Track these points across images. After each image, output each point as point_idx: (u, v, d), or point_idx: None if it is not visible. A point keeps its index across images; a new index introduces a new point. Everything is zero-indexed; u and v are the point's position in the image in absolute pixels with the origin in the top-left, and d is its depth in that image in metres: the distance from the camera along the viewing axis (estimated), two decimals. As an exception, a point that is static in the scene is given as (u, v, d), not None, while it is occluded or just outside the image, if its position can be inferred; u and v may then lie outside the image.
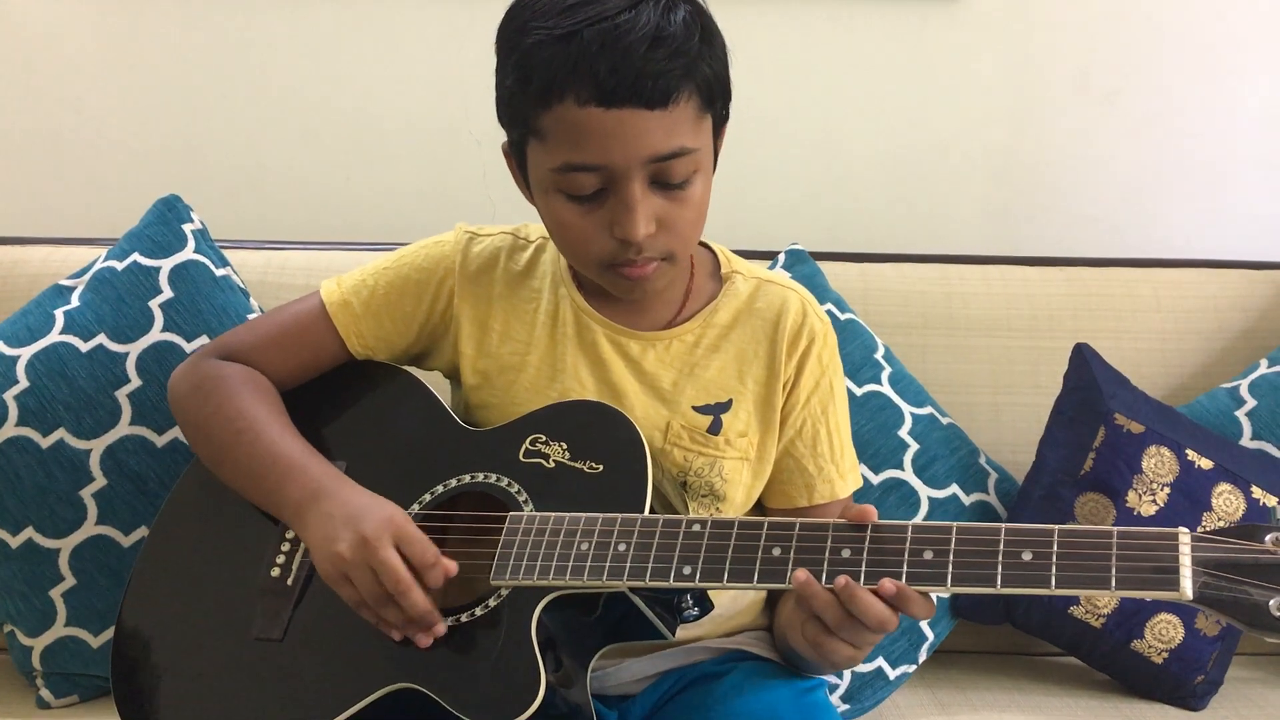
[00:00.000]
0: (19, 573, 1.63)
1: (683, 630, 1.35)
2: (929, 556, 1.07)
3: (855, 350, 1.80)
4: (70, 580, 1.63)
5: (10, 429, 1.64)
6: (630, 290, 1.32)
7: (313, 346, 1.44)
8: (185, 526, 1.41)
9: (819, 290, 1.82)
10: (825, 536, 1.12)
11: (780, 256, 1.88)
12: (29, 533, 1.63)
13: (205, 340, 1.68)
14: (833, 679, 1.67)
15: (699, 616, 1.24)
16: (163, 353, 1.68)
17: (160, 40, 2.13)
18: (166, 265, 1.73)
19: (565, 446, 1.28)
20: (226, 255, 1.81)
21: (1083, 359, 1.79)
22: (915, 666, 1.74)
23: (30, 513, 1.63)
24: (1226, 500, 1.70)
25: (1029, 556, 1.04)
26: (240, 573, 1.33)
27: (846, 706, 1.69)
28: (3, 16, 2.12)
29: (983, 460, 1.83)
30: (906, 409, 1.80)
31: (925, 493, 1.77)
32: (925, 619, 1.13)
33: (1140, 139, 2.18)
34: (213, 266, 1.76)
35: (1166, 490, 1.70)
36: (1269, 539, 0.99)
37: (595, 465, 1.25)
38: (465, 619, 1.20)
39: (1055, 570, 1.03)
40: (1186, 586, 0.99)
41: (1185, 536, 1.01)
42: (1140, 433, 1.72)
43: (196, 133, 2.15)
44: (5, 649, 1.69)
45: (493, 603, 1.20)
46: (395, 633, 1.20)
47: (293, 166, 2.16)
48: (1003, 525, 1.06)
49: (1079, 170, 2.19)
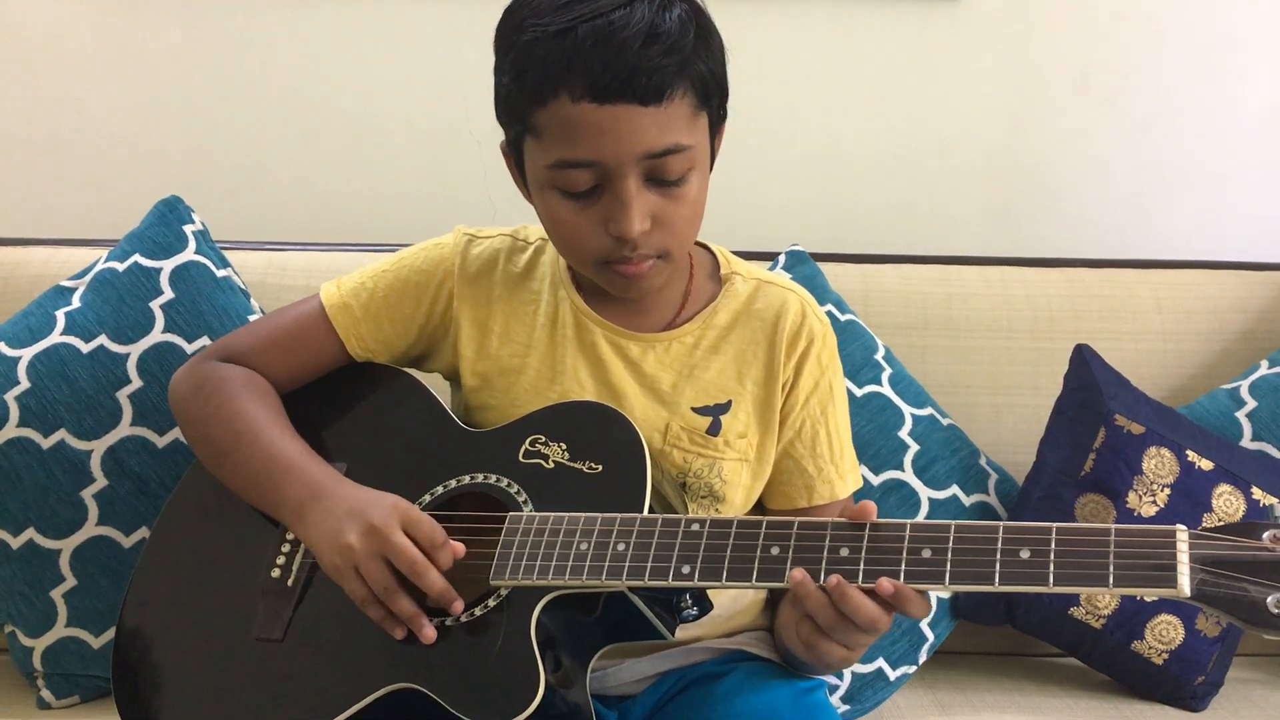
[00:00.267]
0: (20, 573, 1.63)
1: (683, 630, 1.35)
2: (927, 555, 1.07)
3: (855, 351, 1.80)
4: (71, 581, 1.63)
5: (11, 430, 1.64)
6: (626, 288, 1.32)
7: (313, 349, 1.44)
8: (186, 527, 1.41)
9: (819, 291, 1.82)
10: (824, 535, 1.12)
11: (780, 257, 1.88)
12: (30, 533, 1.63)
13: (206, 341, 1.69)
14: (833, 679, 1.67)
15: (698, 616, 1.24)
16: (164, 354, 1.68)
17: (161, 41, 2.13)
18: (167, 266, 1.73)
19: (565, 447, 1.28)
20: (227, 256, 1.82)
21: (1083, 360, 1.79)
22: (915, 667, 1.74)
23: (31, 513, 1.63)
24: (1227, 501, 1.70)
25: (1027, 555, 1.04)
26: (241, 573, 1.33)
27: (847, 707, 1.69)
28: (3, 17, 2.13)
29: (983, 461, 1.83)
30: (907, 410, 1.80)
31: (925, 494, 1.77)
32: (922, 619, 1.14)
33: (1140, 140, 2.18)
34: (213, 267, 1.76)
35: (1167, 491, 1.70)
36: (1267, 536, 0.98)
37: (594, 465, 1.26)
38: (465, 618, 1.20)
39: (1053, 568, 1.03)
40: (1184, 584, 0.99)
41: (1183, 534, 1.01)
42: (1140, 434, 1.72)
43: (197, 134, 2.15)
44: (6, 649, 1.68)
45: (492, 603, 1.20)
46: (399, 630, 1.20)
47: (293, 167, 2.16)
48: (1001, 524, 1.06)
49: (1079, 171, 2.19)
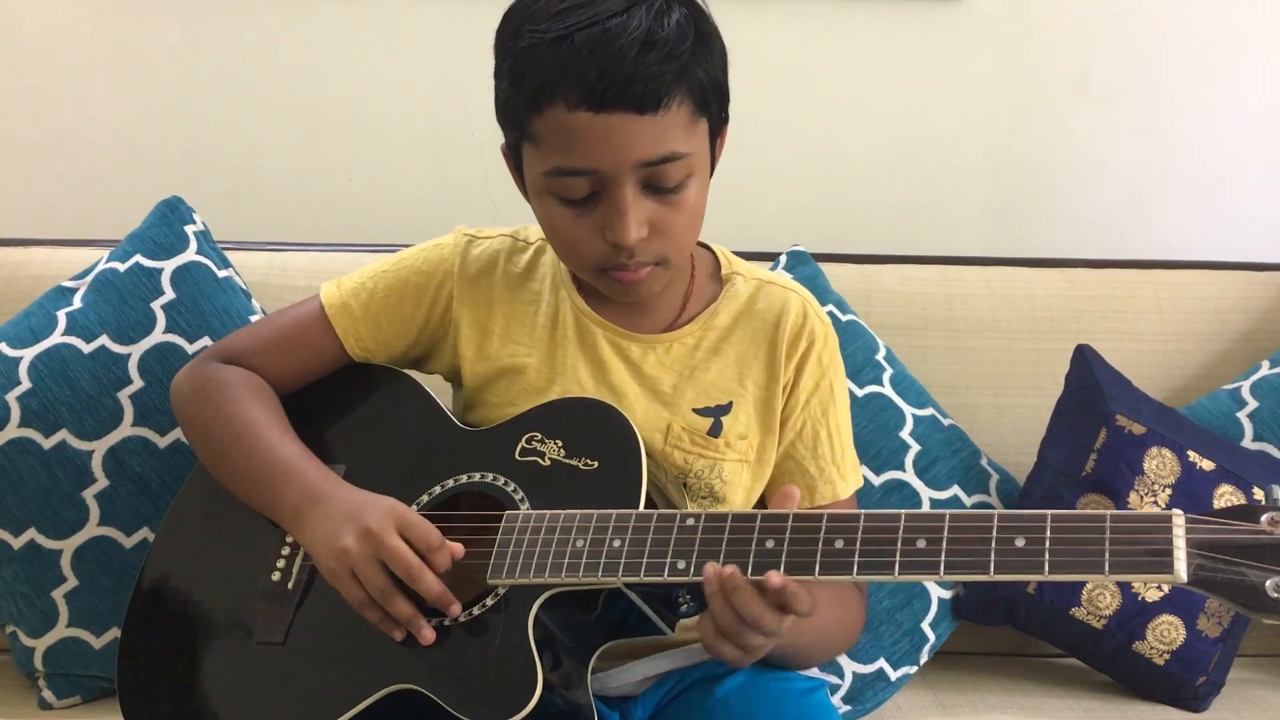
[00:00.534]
0: (21, 574, 1.63)
1: (684, 632, 1.35)
2: (922, 545, 1.07)
3: (856, 352, 1.80)
4: (72, 581, 1.63)
5: (13, 430, 1.64)
6: (625, 294, 1.32)
7: (313, 349, 1.44)
8: (189, 530, 1.42)
9: (820, 292, 1.82)
10: (819, 528, 1.12)
11: (781, 258, 1.88)
12: (31, 534, 1.63)
13: (207, 341, 1.69)
14: (834, 680, 1.67)
15: (697, 612, 1.24)
16: (165, 354, 1.68)
17: (161, 42, 2.14)
18: (169, 266, 1.73)
19: (561, 444, 1.28)
20: (228, 256, 1.82)
21: (1084, 360, 1.79)
22: (917, 668, 1.74)
23: (32, 514, 1.64)
24: (1228, 501, 1.70)
25: (1022, 543, 1.04)
26: (242, 577, 1.33)
27: (848, 708, 1.68)
28: (4, 18, 2.13)
29: (984, 461, 1.82)
30: (908, 410, 1.80)
31: (927, 494, 1.77)
32: (807, 615, 1.12)
33: (1140, 140, 2.18)
34: (215, 268, 1.76)
35: (1168, 491, 1.70)
36: (1265, 519, 0.97)
37: (590, 462, 1.25)
38: (463, 618, 1.20)
39: (1048, 556, 1.02)
40: (1181, 569, 0.98)
41: (1180, 518, 1.00)
42: (1141, 434, 1.72)
43: (198, 134, 2.16)
44: (7, 650, 1.68)
45: (490, 602, 1.20)
46: (398, 631, 1.20)
47: (294, 168, 2.16)
48: (995, 512, 1.06)
49: (1079, 171, 2.19)
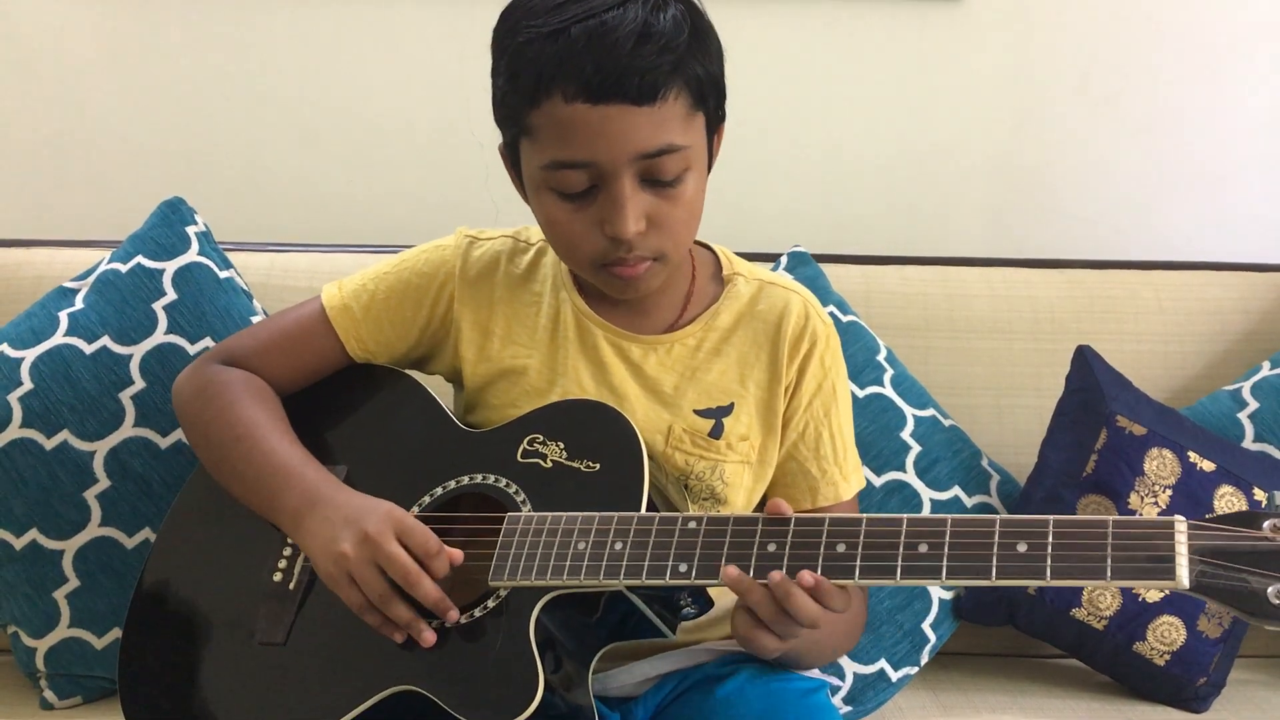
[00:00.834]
0: (23, 574, 1.64)
1: (685, 633, 1.35)
2: (924, 550, 1.07)
3: (857, 352, 1.80)
4: (74, 582, 1.63)
5: (14, 430, 1.64)
6: (623, 290, 1.32)
7: (314, 351, 1.44)
8: (191, 531, 1.42)
9: (821, 292, 1.82)
10: (820, 532, 1.12)
11: (782, 259, 1.88)
12: (33, 534, 1.63)
13: (209, 342, 1.69)
14: (835, 680, 1.67)
15: (698, 615, 1.24)
16: (166, 355, 1.68)
17: (163, 43, 2.14)
18: (170, 267, 1.73)
19: (562, 446, 1.28)
20: (230, 257, 1.82)
21: (1084, 361, 1.79)
22: (917, 668, 1.74)
23: (34, 514, 1.64)
24: (1229, 502, 1.70)
25: (1024, 548, 1.04)
26: (243, 577, 1.33)
27: (849, 708, 1.68)
28: (6, 20, 2.13)
29: (985, 462, 1.82)
30: (909, 411, 1.80)
31: (927, 495, 1.77)
32: (842, 611, 1.14)
33: (1141, 141, 2.18)
34: (216, 269, 1.76)
35: (1169, 492, 1.70)
36: (1267, 525, 0.98)
37: (592, 464, 1.25)
38: (464, 620, 1.20)
39: (1050, 561, 1.03)
40: (1183, 575, 0.98)
41: (1182, 525, 1.00)
42: (1142, 435, 1.72)
43: (199, 135, 2.16)
44: (9, 650, 1.68)
45: (491, 604, 1.20)
46: (398, 634, 1.20)
47: (296, 168, 2.16)
48: (997, 517, 1.06)
49: (1080, 172, 2.19)
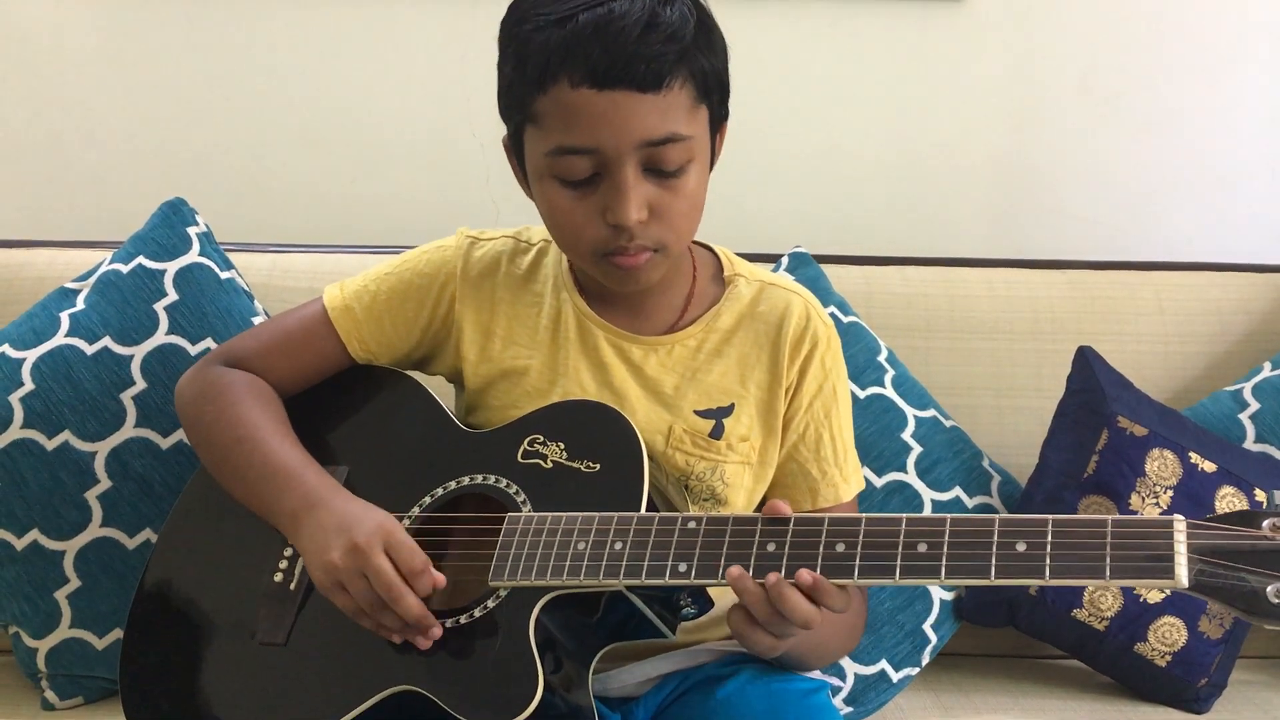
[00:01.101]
0: (24, 575, 1.64)
1: (686, 633, 1.35)
2: (923, 549, 1.07)
3: (858, 353, 1.80)
4: (75, 582, 1.64)
5: (16, 431, 1.64)
6: (623, 282, 1.32)
7: (315, 352, 1.44)
8: (193, 531, 1.42)
9: (822, 293, 1.81)
10: (820, 532, 1.12)
11: (783, 259, 1.88)
12: (34, 535, 1.64)
13: (210, 343, 1.69)
14: (836, 681, 1.67)
15: (698, 615, 1.24)
16: (168, 355, 1.68)
17: (165, 44, 2.14)
18: (171, 268, 1.73)
19: (563, 446, 1.28)
20: (231, 258, 1.82)
21: (1085, 362, 1.79)
22: (918, 669, 1.74)
23: (35, 515, 1.64)
24: (1230, 503, 1.70)
25: (1023, 547, 1.04)
26: (244, 578, 1.33)
27: (850, 709, 1.68)
28: (7, 21, 2.13)
29: (986, 463, 1.82)
30: (909, 412, 1.80)
31: (928, 495, 1.77)
32: (841, 611, 1.14)
33: (1142, 142, 2.18)
34: (217, 269, 1.76)
35: (1170, 493, 1.69)
36: (1267, 525, 0.98)
37: (592, 464, 1.26)
38: (464, 620, 1.20)
39: (1049, 561, 1.03)
40: (1182, 574, 0.98)
41: (1181, 524, 1.00)
42: (1143, 435, 1.72)
43: (201, 136, 2.16)
44: (10, 651, 1.68)
45: (491, 604, 1.20)
46: (395, 635, 1.21)
47: (297, 169, 2.16)
48: (996, 516, 1.06)
49: (1081, 173, 2.19)
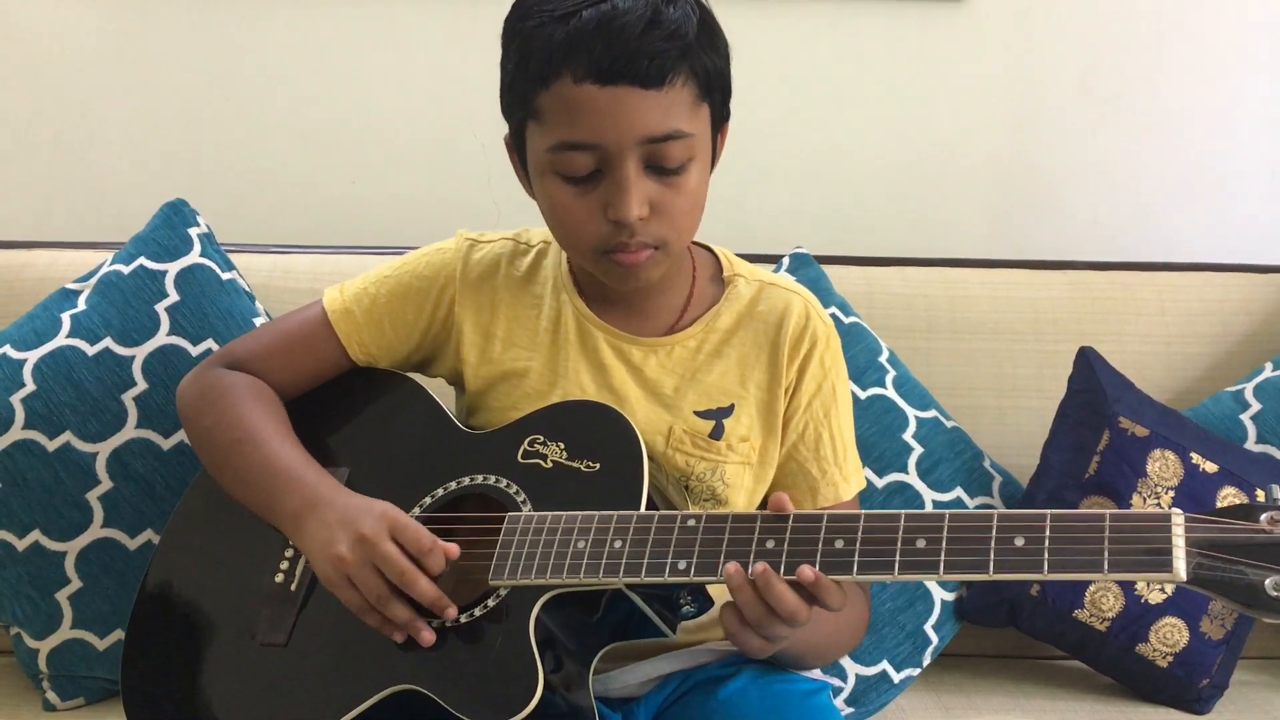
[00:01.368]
0: (25, 575, 1.64)
1: (687, 633, 1.35)
2: (922, 544, 1.07)
3: (859, 354, 1.80)
4: (76, 583, 1.64)
5: (17, 432, 1.64)
6: (623, 279, 1.32)
7: (315, 354, 1.45)
8: (194, 532, 1.42)
9: (823, 294, 1.82)
10: (819, 528, 1.12)
11: (784, 260, 1.88)
12: (35, 535, 1.64)
13: (211, 344, 1.69)
14: (837, 682, 1.67)
15: (698, 614, 1.24)
16: (169, 356, 1.68)
17: (166, 45, 2.14)
18: (173, 269, 1.74)
19: (563, 446, 1.28)
20: (232, 259, 1.82)
21: (1087, 362, 1.79)
22: (920, 670, 1.74)
23: (37, 515, 1.64)
24: (1231, 504, 1.69)
25: (1021, 542, 1.04)
26: (245, 579, 1.33)
27: (851, 710, 1.69)
28: (9, 22, 2.14)
29: (987, 464, 1.82)
30: (911, 412, 1.80)
31: (930, 496, 1.77)
32: (837, 610, 1.13)
33: (1143, 142, 2.18)
34: (219, 270, 1.77)
35: (1171, 494, 1.69)
36: (1265, 518, 0.98)
37: (592, 464, 1.26)
38: (465, 619, 1.20)
39: (1048, 555, 1.02)
40: (1180, 568, 0.98)
41: (1179, 517, 1.00)
42: (1145, 436, 1.72)
43: (202, 137, 2.16)
44: (11, 652, 1.69)
45: (492, 603, 1.20)
46: (397, 634, 1.21)
47: (298, 170, 2.17)
48: (995, 511, 1.06)
49: (1082, 174, 2.19)
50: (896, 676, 1.71)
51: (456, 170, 2.12)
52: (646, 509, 1.21)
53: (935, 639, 1.74)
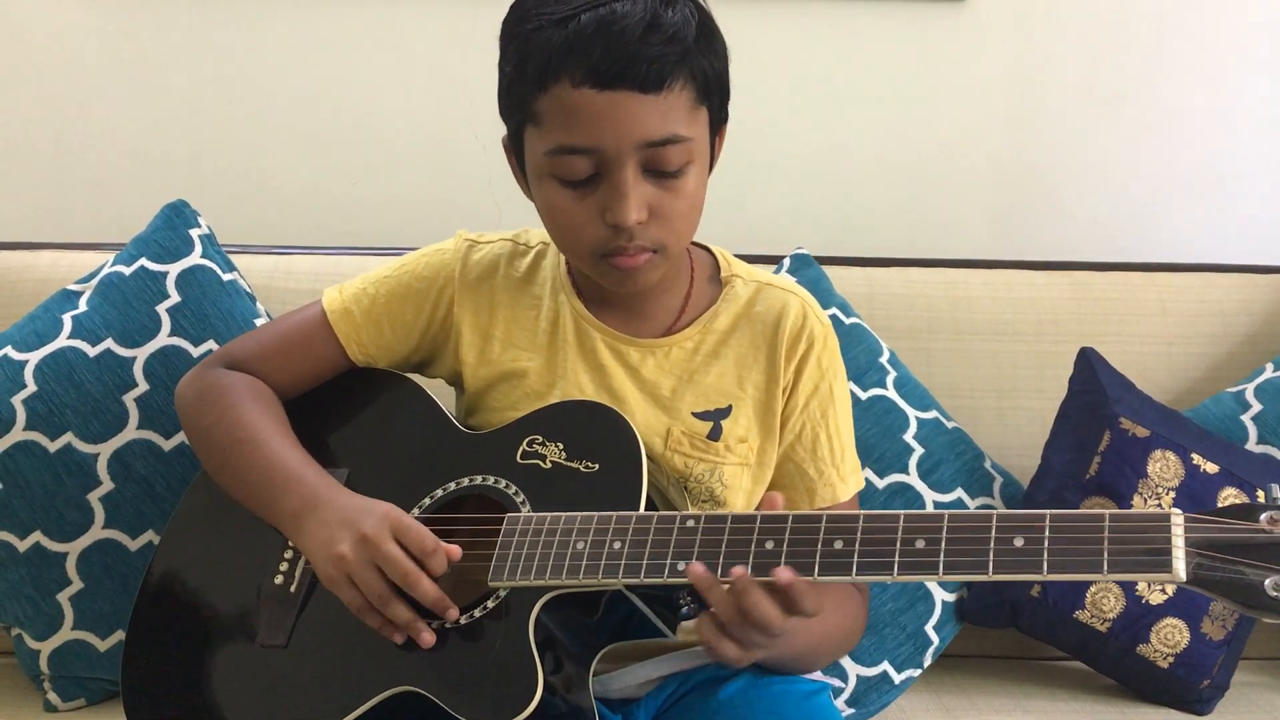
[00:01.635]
0: (27, 576, 1.64)
1: (687, 634, 1.35)
2: (921, 545, 1.07)
3: (860, 355, 1.80)
4: (78, 584, 1.64)
5: (18, 433, 1.64)
6: (622, 283, 1.32)
7: (315, 355, 1.45)
8: (194, 534, 1.42)
9: (824, 295, 1.82)
10: (818, 529, 1.12)
11: (785, 261, 1.88)
12: (37, 536, 1.64)
13: (212, 344, 1.69)
14: (837, 683, 1.67)
15: (698, 614, 1.24)
16: (170, 357, 1.69)
17: (167, 46, 2.15)
18: (174, 270, 1.74)
19: (562, 446, 1.28)
20: (233, 260, 1.82)
21: (1087, 363, 1.79)
22: (920, 671, 1.74)
23: (38, 516, 1.64)
24: (1232, 504, 1.69)
25: (1021, 543, 1.04)
26: (245, 580, 1.33)
27: (852, 710, 1.68)
28: (10, 23, 2.14)
29: (988, 464, 1.82)
30: (911, 413, 1.80)
31: (930, 497, 1.77)
32: (812, 616, 1.13)
33: (1144, 143, 2.19)
34: (219, 271, 1.77)
35: (1172, 494, 1.69)
36: (1265, 518, 0.97)
37: (591, 465, 1.26)
38: (464, 620, 1.20)
39: (1047, 555, 1.02)
40: (1179, 568, 0.98)
41: (1178, 517, 1.00)
42: (1145, 437, 1.72)
43: (203, 138, 2.16)
44: (12, 653, 1.69)
45: (491, 604, 1.20)
46: (397, 635, 1.21)
47: (299, 171, 2.17)
48: (994, 512, 1.06)
49: (1082, 174, 2.19)
50: (897, 677, 1.71)
51: (457, 171, 2.12)
52: (646, 509, 1.21)
53: (936, 640, 1.74)
